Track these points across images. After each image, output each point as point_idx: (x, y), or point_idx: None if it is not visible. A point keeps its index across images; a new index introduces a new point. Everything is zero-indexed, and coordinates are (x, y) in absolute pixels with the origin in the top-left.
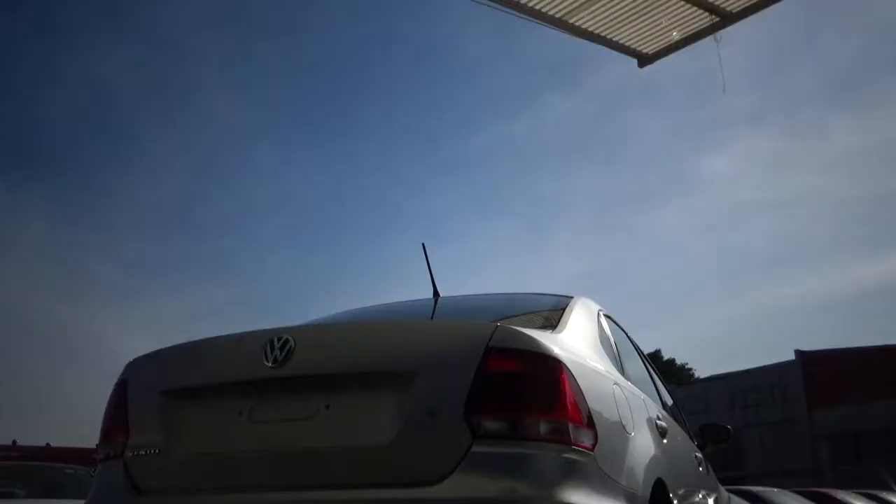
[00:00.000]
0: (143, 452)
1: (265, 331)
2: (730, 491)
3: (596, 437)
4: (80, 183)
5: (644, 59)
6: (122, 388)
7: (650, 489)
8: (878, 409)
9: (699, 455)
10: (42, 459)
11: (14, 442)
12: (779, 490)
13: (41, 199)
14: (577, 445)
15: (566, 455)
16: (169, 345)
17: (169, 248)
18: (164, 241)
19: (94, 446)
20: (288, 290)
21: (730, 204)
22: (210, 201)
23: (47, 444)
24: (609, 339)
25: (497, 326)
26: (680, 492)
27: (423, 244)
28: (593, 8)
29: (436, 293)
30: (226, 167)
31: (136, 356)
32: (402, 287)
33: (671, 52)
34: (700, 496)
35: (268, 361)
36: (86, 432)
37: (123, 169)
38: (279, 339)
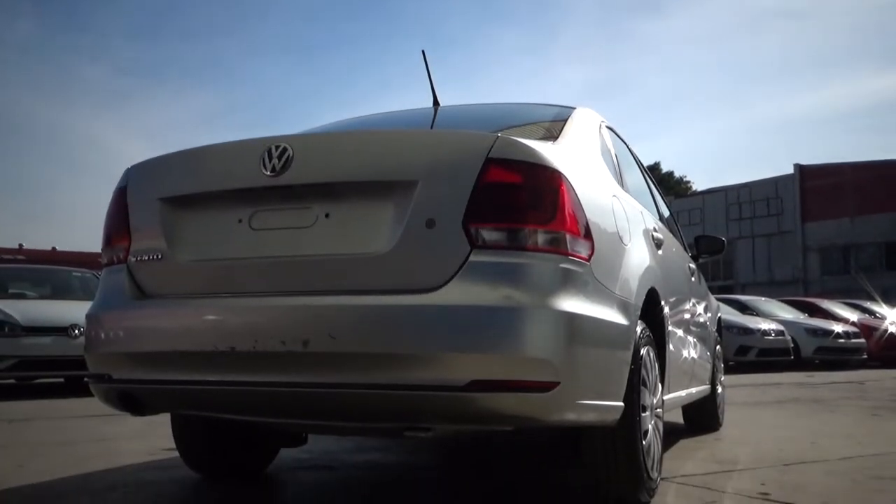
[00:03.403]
0: (146, 258)
1: (263, 139)
2: (720, 300)
3: (593, 247)
4: None
5: None
6: (121, 194)
7: (643, 298)
8: (869, 222)
9: (692, 266)
10: (48, 263)
11: (20, 245)
12: (766, 299)
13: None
14: (573, 256)
15: (563, 265)
16: (167, 151)
17: (163, 52)
18: (157, 43)
19: (100, 251)
20: (286, 98)
21: (740, 12)
22: (204, 3)
23: (53, 248)
24: (609, 152)
25: (497, 137)
26: (671, 300)
27: (422, 51)
28: None
29: (436, 102)
30: None
31: (135, 162)
32: (402, 96)
33: None
34: (690, 304)
35: (266, 170)
36: (90, 237)
37: None
38: (277, 148)
